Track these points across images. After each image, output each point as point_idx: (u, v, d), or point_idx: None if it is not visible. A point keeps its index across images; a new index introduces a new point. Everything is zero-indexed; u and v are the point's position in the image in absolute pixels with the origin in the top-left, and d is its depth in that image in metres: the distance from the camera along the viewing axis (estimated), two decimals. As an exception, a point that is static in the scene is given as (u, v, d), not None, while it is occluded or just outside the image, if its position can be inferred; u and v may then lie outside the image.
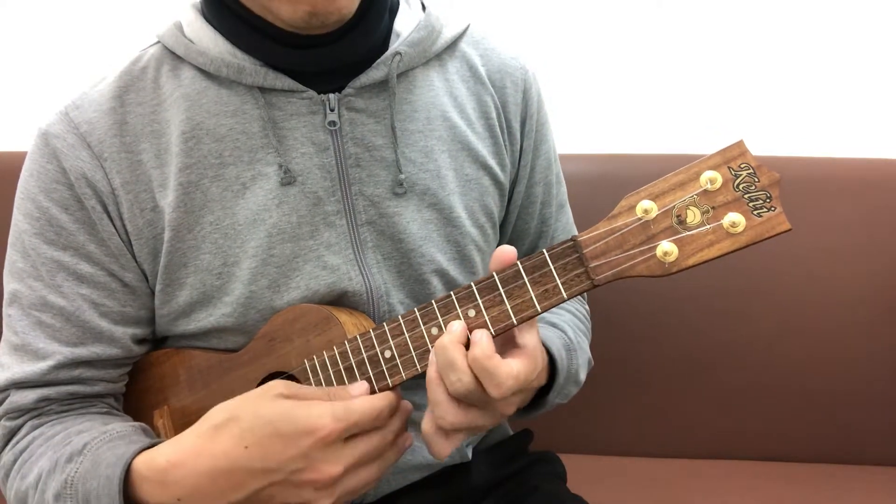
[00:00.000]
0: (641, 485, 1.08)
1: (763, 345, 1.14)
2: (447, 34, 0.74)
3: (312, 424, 0.54)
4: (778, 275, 1.13)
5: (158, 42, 0.71)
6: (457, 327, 0.55)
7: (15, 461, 0.65)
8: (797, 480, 1.08)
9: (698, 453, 1.16)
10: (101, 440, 0.62)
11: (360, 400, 0.57)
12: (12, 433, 0.68)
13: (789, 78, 1.29)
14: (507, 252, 0.56)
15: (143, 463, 0.59)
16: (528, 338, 0.57)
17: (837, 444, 1.14)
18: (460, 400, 0.55)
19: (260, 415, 0.55)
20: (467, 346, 0.55)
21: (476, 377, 0.53)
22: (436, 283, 0.72)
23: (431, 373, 0.55)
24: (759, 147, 0.58)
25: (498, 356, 0.54)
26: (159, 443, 0.61)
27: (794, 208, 0.53)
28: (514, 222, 0.80)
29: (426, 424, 0.57)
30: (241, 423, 0.56)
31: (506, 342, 0.57)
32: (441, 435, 0.56)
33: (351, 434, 0.56)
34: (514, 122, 0.76)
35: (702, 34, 1.30)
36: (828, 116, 1.28)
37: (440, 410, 0.55)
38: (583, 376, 0.75)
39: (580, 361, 0.74)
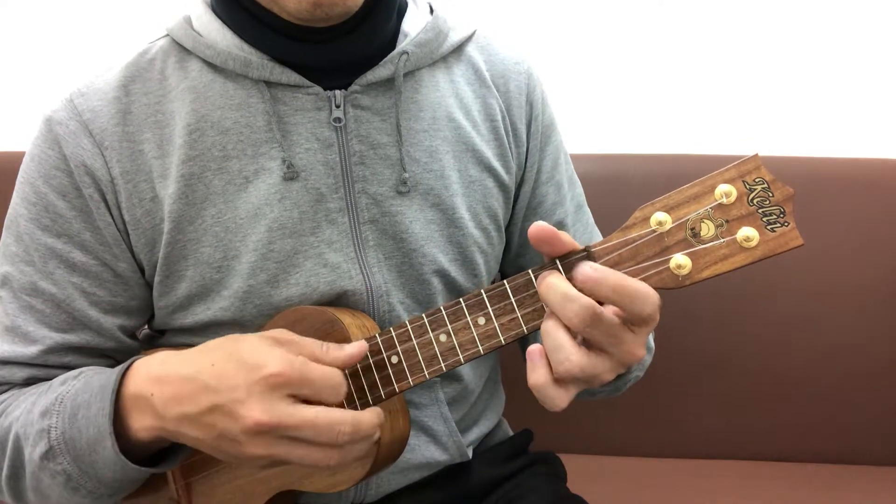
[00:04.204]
0: (641, 485, 1.09)
1: (763, 345, 1.15)
2: (454, 37, 0.75)
3: (264, 360, 0.55)
4: (778, 275, 1.14)
5: (167, 35, 0.72)
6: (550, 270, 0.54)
7: None
8: (797, 480, 1.10)
9: (698, 453, 1.17)
10: (95, 370, 0.66)
11: (323, 366, 0.56)
12: None
13: (792, 78, 1.31)
14: (542, 228, 0.54)
15: (140, 360, 0.62)
16: None
17: (837, 444, 1.16)
18: (583, 340, 0.53)
19: (238, 342, 0.57)
20: None
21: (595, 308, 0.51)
22: (436, 284, 0.72)
23: (548, 319, 0.53)
24: (761, 147, 0.58)
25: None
26: None
27: (794, 208, 0.53)
28: (521, 224, 0.80)
29: (538, 377, 0.53)
30: (223, 347, 0.58)
31: None
32: (556, 385, 0.53)
33: (301, 395, 0.55)
34: (520, 125, 0.77)
35: (704, 35, 1.31)
36: (828, 116, 1.29)
37: (563, 353, 0.52)
38: (651, 341, 0.76)
39: None
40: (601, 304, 0.52)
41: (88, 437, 0.60)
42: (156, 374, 0.59)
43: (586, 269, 0.52)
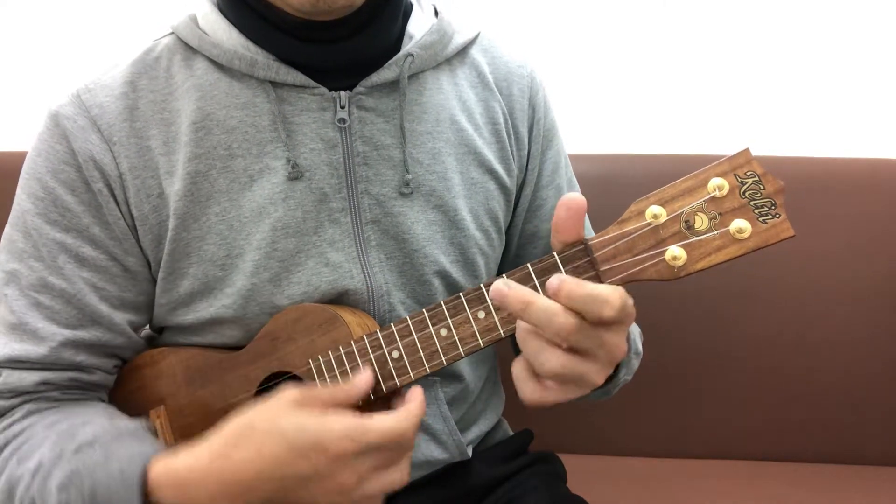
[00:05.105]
0: (641, 485, 1.10)
1: (763, 345, 1.16)
2: (458, 40, 0.76)
3: (325, 441, 0.54)
4: (778, 275, 1.14)
5: (172, 33, 0.73)
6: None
7: (7, 444, 0.65)
8: (797, 480, 1.11)
9: (698, 453, 1.18)
10: (111, 435, 0.63)
11: (380, 420, 0.55)
12: (3, 412, 0.67)
13: (791, 78, 1.32)
14: (576, 199, 0.55)
15: (161, 467, 0.59)
16: None
17: (837, 444, 1.16)
18: (569, 347, 0.53)
19: (276, 424, 0.55)
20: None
21: (578, 314, 0.51)
22: (437, 285, 0.73)
23: (522, 325, 0.54)
24: (761, 147, 0.59)
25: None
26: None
27: (794, 208, 0.56)
28: (521, 225, 0.81)
29: (518, 368, 0.55)
30: (258, 433, 0.56)
31: None
32: (534, 380, 0.54)
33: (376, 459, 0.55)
34: (522, 128, 0.79)
35: (704, 35, 1.33)
36: (828, 116, 1.30)
37: (542, 357, 0.52)
38: (640, 346, 0.77)
39: (634, 331, 0.76)
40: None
41: None
42: (193, 479, 0.57)
43: (553, 282, 0.52)
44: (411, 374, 0.61)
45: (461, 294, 0.59)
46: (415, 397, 0.58)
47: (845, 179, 1.16)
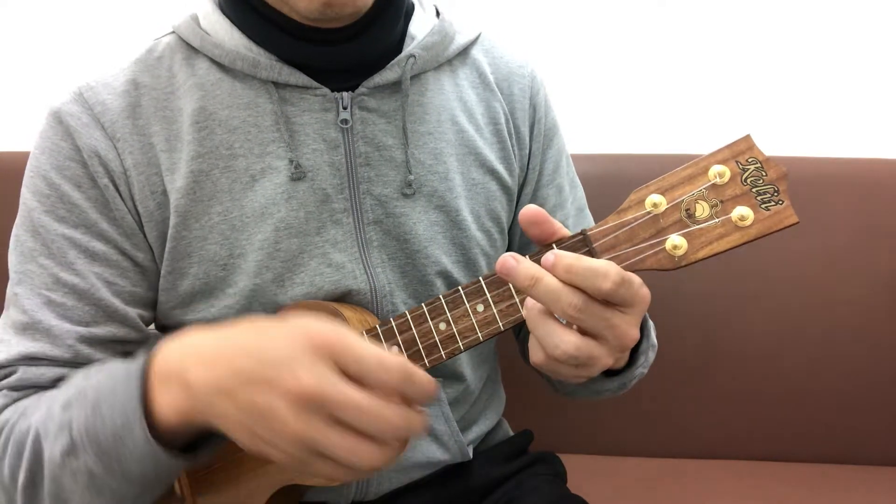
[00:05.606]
0: (641, 485, 1.10)
1: (763, 345, 1.16)
2: (459, 41, 0.77)
3: (308, 326, 0.49)
4: (778, 274, 1.15)
5: (173, 32, 0.73)
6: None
7: (12, 414, 0.62)
8: (797, 480, 1.11)
9: (698, 453, 1.18)
10: (120, 361, 0.59)
11: (368, 344, 0.50)
12: (14, 401, 0.65)
13: (791, 78, 1.32)
14: (536, 211, 0.55)
15: (167, 340, 0.56)
16: None
17: (837, 444, 1.17)
18: (579, 327, 0.53)
19: (283, 319, 0.52)
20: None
21: (581, 290, 0.51)
22: (439, 285, 0.74)
23: (532, 309, 0.54)
24: (760, 146, 0.59)
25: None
26: None
27: (794, 208, 0.53)
28: None
29: (538, 356, 0.55)
30: (261, 322, 0.52)
31: None
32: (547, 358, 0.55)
33: (346, 371, 0.48)
34: (523, 128, 0.79)
35: (704, 34, 1.33)
36: (828, 116, 1.30)
37: (555, 340, 0.53)
38: (654, 339, 0.76)
39: (648, 323, 0.76)
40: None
41: (114, 427, 0.54)
42: (188, 343, 0.54)
43: (549, 256, 0.52)
44: None
45: (460, 288, 0.59)
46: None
47: (845, 179, 1.16)
